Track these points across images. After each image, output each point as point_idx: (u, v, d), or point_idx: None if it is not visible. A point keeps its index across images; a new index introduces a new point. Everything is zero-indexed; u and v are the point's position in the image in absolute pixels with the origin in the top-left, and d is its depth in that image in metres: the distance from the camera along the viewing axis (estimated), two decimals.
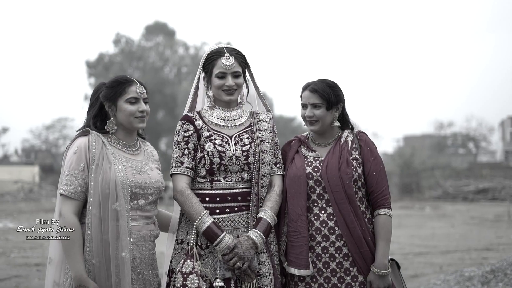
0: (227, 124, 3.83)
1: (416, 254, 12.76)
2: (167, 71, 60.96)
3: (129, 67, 58.05)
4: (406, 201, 34.27)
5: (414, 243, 14.82)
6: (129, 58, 58.67)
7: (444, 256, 12.47)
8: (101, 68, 56.56)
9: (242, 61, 3.82)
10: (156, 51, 60.61)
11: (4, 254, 12.80)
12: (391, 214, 3.79)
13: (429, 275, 10.09)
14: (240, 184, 3.72)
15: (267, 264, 3.70)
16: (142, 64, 58.97)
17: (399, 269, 3.93)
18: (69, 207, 3.49)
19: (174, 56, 60.81)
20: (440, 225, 19.65)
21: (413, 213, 25.79)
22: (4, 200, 33.54)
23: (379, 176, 3.79)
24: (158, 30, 61.35)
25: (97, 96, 3.68)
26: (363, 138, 3.88)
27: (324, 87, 3.82)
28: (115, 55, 59.14)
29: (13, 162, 64.84)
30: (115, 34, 64.93)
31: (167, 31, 61.40)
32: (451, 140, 63.16)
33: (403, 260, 11.79)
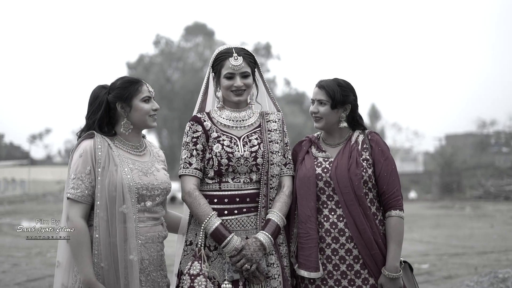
0: (236, 125, 3.79)
1: (451, 255, 12.57)
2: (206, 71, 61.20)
3: (169, 67, 58.49)
4: (447, 200, 33.87)
5: (450, 244, 14.61)
6: (169, 59, 59.05)
7: (480, 257, 12.26)
8: (141, 69, 57.02)
9: (251, 61, 3.79)
10: (195, 52, 60.89)
11: (40, 254, 12.99)
12: (403, 216, 3.71)
13: (463, 276, 9.92)
14: (248, 185, 3.69)
15: (276, 266, 3.66)
16: (181, 65, 59.31)
17: (412, 271, 3.84)
18: (76, 211, 3.49)
19: None
20: (479, 225, 19.34)
21: (452, 213, 25.45)
22: (46, 200, 34.08)
23: (391, 177, 3.72)
24: (197, 30, 61.64)
25: (101, 99, 3.65)
26: (374, 138, 3.81)
27: (333, 85, 3.77)
28: (155, 56, 59.60)
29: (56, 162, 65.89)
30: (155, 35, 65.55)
31: (206, 31, 61.65)
32: (494, 139, 62.12)
33: (438, 261, 11.64)
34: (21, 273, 10.71)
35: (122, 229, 3.48)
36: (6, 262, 12.02)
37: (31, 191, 45.42)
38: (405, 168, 57.04)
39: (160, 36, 61.07)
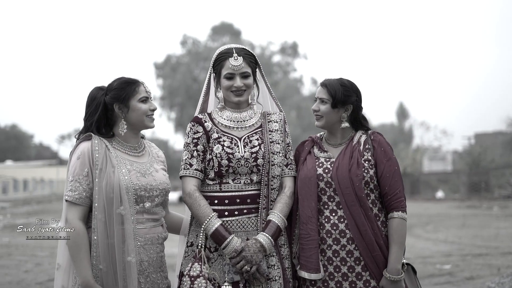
0: (237, 125, 3.77)
1: (475, 256, 12.44)
2: None
3: (195, 67, 58.65)
4: (474, 200, 33.55)
5: (475, 244, 14.47)
6: (195, 58, 59.22)
7: (504, 257, 12.10)
8: (169, 69, 57.31)
9: (251, 61, 3.77)
10: None
11: None
12: (406, 218, 3.66)
13: (485, 277, 9.80)
14: (249, 186, 3.66)
15: (277, 268, 3.63)
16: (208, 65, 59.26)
17: (415, 274, 3.79)
18: (74, 213, 3.49)
19: None
20: (505, 225, 19.13)
21: (479, 213, 25.20)
22: None
23: (393, 178, 3.66)
24: (224, 30, 61.77)
25: (98, 101, 3.64)
26: (376, 138, 3.75)
27: (335, 85, 3.73)
28: (182, 56, 59.84)
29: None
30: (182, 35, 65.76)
31: (233, 31, 61.75)
32: None
33: (461, 262, 11.52)
34: (43, 272, 10.82)
35: (120, 231, 3.48)
36: (30, 261, 12.15)
37: (59, 190, 45.85)
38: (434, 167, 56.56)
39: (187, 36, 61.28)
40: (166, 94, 58.44)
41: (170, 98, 57.54)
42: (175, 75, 56.41)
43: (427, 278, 9.87)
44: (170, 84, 57.48)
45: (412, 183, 42.71)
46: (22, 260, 12.37)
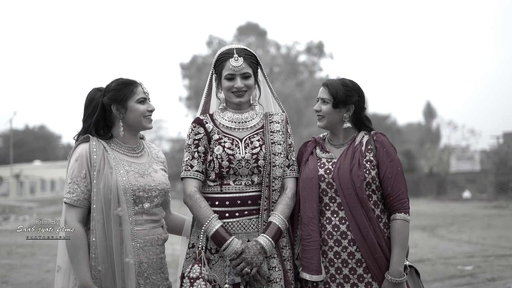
0: (238, 126, 3.75)
1: (498, 257, 12.29)
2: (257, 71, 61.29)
3: None
4: (501, 200, 33.17)
5: (499, 245, 14.30)
6: None
7: None
8: (195, 69, 57.57)
9: (252, 62, 3.74)
10: None
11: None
12: (408, 219, 3.61)
13: (507, 278, 9.69)
14: (250, 188, 3.64)
15: (278, 270, 3.60)
16: None
17: (419, 276, 3.74)
18: (72, 215, 3.50)
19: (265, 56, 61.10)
20: None
21: (506, 213, 24.92)
22: None
23: (395, 179, 3.62)
24: (250, 30, 61.91)
25: (96, 102, 3.64)
26: (379, 139, 3.71)
27: (337, 85, 3.70)
28: (208, 57, 60.06)
29: None
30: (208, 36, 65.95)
31: (258, 31, 61.86)
32: None
33: (483, 263, 11.39)
34: None
35: (118, 232, 3.48)
36: (52, 261, 12.24)
37: None
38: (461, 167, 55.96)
39: (213, 37, 61.58)
40: (192, 94, 58.71)
41: (196, 99, 57.71)
42: (201, 76, 56.61)
43: (447, 280, 9.79)
44: (196, 84, 57.71)
45: (438, 183, 42.36)
46: (44, 260, 12.48)
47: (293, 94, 54.15)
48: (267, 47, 61.57)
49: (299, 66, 61.76)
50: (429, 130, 73.05)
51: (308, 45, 62.14)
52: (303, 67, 62.02)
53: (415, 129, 76.42)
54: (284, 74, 59.32)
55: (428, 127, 74.35)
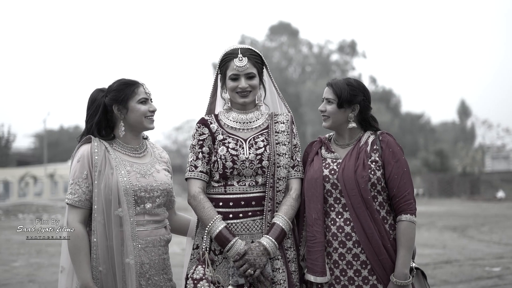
0: (243, 127, 3.73)
1: None
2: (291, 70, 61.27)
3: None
4: None
5: None
6: None
7: None
8: None
9: (257, 62, 3.72)
10: (280, 51, 61.06)
11: None
12: (415, 221, 3.55)
13: None
14: (254, 189, 3.61)
15: (282, 271, 3.57)
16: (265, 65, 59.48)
17: (426, 279, 3.68)
18: (74, 216, 3.51)
19: (298, 56, 61.05)
20: None
21: None
22: None
23: (401, 179, 3.56)
24: (282, 30, 61.84)
25: (98, 102, 3.65)
26: (385, 139, 3.66)
27: (341, 84, 3.66)
28: None
29: None
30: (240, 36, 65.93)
31: (290, 30, 61.77)
32: None
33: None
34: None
35: (118, 233, 3.48)
36: None
37: None
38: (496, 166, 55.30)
39: (245, 37, 61.57)
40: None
41: None
42: None
43: (474, 281, 9.66)
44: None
45: (471, 182, 41.91)
46: None
47: None
48: (299, 46, 61.46)
49: (331, 65, 61.52)
50: (464, 129, 72.16)
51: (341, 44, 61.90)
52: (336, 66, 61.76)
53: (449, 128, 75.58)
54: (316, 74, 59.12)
55: (462, 126, 73.46)
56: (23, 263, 12.01)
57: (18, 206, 29.93)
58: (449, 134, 72.07)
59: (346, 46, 61.97)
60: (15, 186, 36.08)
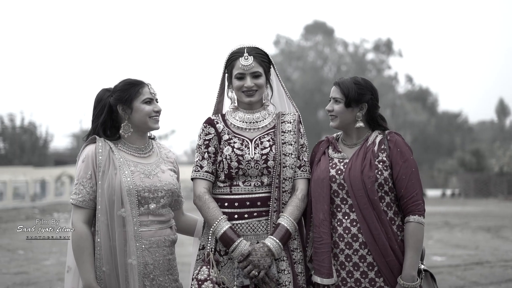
0: (249, 126, 3.69)
1: None
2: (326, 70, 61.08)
3: (288, 67, 58.81)
4: None
5: None
6: (289, 58, 59.44)
7: None
8: None
9: (263, 61, 3.67)
10: (315, 50, 60.94)
11: None
12: (423, 222, 3.48)
13: None
14: (259, 189, 3.58)
15: (287, 273, 3.53)
16: (301, 64, 59.51)
17: (435, 281, 3.60)
18: (78, 216, 3.51)
19: (333, 55, 60.86)
20: None
21: None
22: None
23: (409, 180, 3.49)
24: (317, 29, 61.71)
25: (103, 103, 3.64)
26: (393, 139, 3.59)
27: (349, 83, 3.60)
28: (275, 56, 60.08)
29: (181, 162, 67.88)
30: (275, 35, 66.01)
31: (326, 29, 61.60)
32: None
33: None
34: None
35: (121, 233, 3.47)
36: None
37: None
38: None
39: (280, 36, 61.59)
40: None
41: None
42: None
43: (504, 283, 9.49)
44: None
45: (509, 182, 41.26)
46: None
47: None
48: (335, 45, 61.21)
49: (366, 64, 61.20)
50: (502, 128, 71.15)
51: (376, 43, 61.51)
52: (371, 65, 61.43)
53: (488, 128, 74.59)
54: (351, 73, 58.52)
55: (501, 125, 72.44)
56: (54, 262, 12.12)
57: (54, 205, 30.28)
58: (487, 133, 71.12)
59: (382, 44, 61.57)
60: (51, 186, 36.45)
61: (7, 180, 32.05)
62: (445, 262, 11.62)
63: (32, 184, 34.79)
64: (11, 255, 13.16)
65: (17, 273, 10.72)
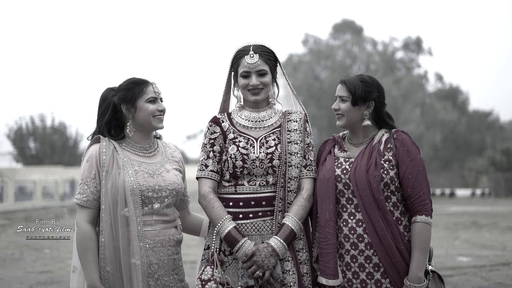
0: (255, 125, 3.66)
1: None
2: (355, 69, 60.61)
3: (317, 66, 58.56)
4: None
5: None
6: (317, 57, 59.14)
7: None
8: (290, 68, 57.49)
9: (269, 59, 3.64)
10: (344, 49, 60.58)
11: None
12: (430, 222, 3.41)
13: None
14: (264, 188, 3.54)
15: (292, 274, 3.49)
16: (330, 63, 59.18)
17: (443, 283, 3.53)
18: (83, 216, 3.51)
19: (362, 54, 60.48)
20: None
21: None
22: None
23: (416, 179, 3.43)
24: (345, 27, 61.33)
25: (108, 102, 3.63)
26: (399, 137, 3.52)
27: (355, 81, 3.55)
28: (303, 55, 59.92)
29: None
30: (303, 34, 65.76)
31: (354, 28, 61.20)
32: None
33: None
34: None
35: (125, 233, 3.46)
36: None
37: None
38: None
39: (308, 35, 61.27)
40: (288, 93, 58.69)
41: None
42: (297, 74, 56.49)
43: None
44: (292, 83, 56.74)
45: None
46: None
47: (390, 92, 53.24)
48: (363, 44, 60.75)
49: (396, 63, 60.66)
50: None
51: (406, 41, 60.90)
52: (400, 64, 60.85)
53: None
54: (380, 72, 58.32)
55: None
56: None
57: None
58: None
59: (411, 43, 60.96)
60: None
61: (37, 180, 32.42)
62: (471, 262, 11.48)
63: (62, 183, 35.15)
64: (37, 254, 13.29)
65: (41, 272, 10.82)
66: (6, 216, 24.22)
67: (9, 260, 12.44)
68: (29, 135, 47.63)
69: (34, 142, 47.54)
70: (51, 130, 47.59)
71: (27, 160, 46.94)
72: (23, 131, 47.46)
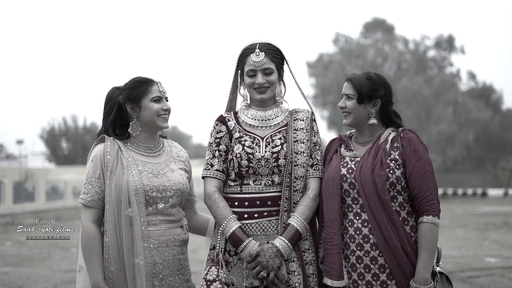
0: (261, 124, 3.62)
1: None
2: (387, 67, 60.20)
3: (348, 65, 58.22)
4: None
5: None
6: (348, 56, 58.85)
7: None
8: (321, 67, 57.37)
9: (275, 57, 3.58)
10: (375, 48, 60.20)
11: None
12: (437, 222, 3.33)
13: None
14: (270, 188, 3.50)
15: (297, 274, 3.44)
16: (361, 62, 58.78)
17: (451, 284, 3.44)
18: (87, 216, 3.50)
19: (393, 52, 60.02)
20: None
21: None
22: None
23: (423, 179, 3.35)
24: (376, 26, 60.93)
25: (113, 101, 3.60)
26: (406, 136, 3.45)
27: (361, 79, 3.48)
28: (334, 54, 59.66)
29: None
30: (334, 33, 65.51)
31: (385, 27, 60.78)
32: None
33: None
34: None
35: (129, 233, 3.44)
36: None
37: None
38: None
39: (339, 34, 60.98)
40: (319, 92, 58.40)
41: (322, 97, 57.42)
42: (327, 74, 56.30)
43: None
44: (323, 82, 57.40)
45: None
46: None
47: (421, 91, 52.83)
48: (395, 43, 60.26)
49: (427, 61, 60.05)
50: None
51: (437, 40, 60.28)
52: (432, 62, 60.23)
53: None
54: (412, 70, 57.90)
55: None
56: None
57: None
58: None
59: (443, 41, 60.33)
60: None
61: (68, 180, 32.74)
62: (499, 263, 11.32)
63: None
64: (64, 253, 13.42)
65: (66, 270, 10.91)
66: (37, 215, 24.47)
67: (37, 259, 12.59)
68: (61, 135, 48.22)
69: (66, 142, 48.09)
70: (83, 131, 48.09)
71: (59, 160, 47.51)
72: (55, 131, 48.07)
